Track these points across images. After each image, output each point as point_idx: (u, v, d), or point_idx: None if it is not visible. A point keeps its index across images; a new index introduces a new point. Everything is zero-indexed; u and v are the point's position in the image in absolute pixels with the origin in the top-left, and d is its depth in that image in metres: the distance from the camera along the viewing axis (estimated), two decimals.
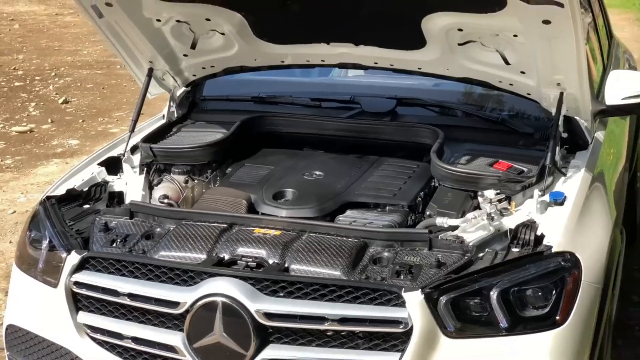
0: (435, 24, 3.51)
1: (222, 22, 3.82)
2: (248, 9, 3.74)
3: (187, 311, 2.98)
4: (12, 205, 6.97)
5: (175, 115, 4.36)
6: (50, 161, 8.26)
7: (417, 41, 3.66)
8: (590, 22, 4.74)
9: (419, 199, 3.52)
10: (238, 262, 3.08)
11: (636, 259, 5.67)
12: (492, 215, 3.18)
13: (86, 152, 8.46)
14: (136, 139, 4.05)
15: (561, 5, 3.09)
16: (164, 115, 4.39)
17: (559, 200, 3.30)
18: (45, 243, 3.39)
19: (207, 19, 3.81)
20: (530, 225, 3.14)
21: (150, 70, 4.14)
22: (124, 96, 10.88)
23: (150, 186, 3.81)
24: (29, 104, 10.35)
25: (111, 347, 3.18)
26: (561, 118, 3.61)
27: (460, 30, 3.51)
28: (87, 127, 9.48)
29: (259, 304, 2.90)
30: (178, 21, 3.86)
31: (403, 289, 2.87)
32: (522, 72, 3.65)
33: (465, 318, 2.93)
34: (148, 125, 4.33)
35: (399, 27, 3.64)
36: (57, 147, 8.75)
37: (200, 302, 2.95)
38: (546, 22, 3.21)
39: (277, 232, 3.21)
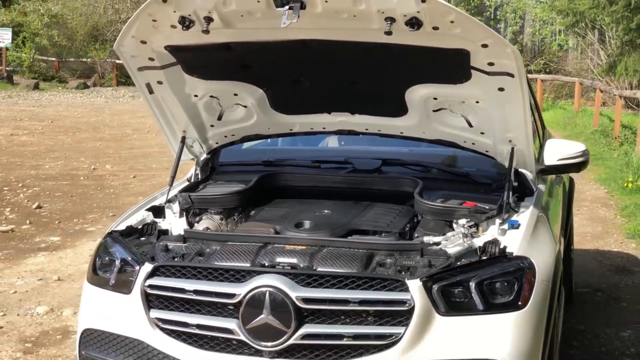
0: (416, 94, 4.51)
1: (246, 97, 4.80)
2: (269, 85, 4.73)
3: (240, 302, 3.84)
4: (12, 287, 7.51)
5: (200, 177, 5.27)
6: (38, 254, 8.79)
7: (401, 109, 4.67)
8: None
9: (407, 229, 4.46)
10: (276, 267, 3.99)
11: (573, 315, 6.72)
12: (466, 234, 4.15)
13: (70, 247, 9.08)
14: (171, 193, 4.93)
15: (512, 75, 4.15)
16: (188, 179, 5.30)
17: (515, 225, 4.29)
18: (117, 262, 4.21)
19: (235, 94, 4.79)
20: (495, 241, 4.11)
21: (183, 138, 5.05)
22: (93, 202, 11.58)
23: (189, 225, 4.70)
24: (3, 210, 10.89)
25: (177, 335, 3.99)
26: (512, 169, 4.63)
27: (435, 99, 4.53)
28: (64, 227, 10.06)
29: (298, 292, 3.78)
30: (211, 96, 4.83)
31: (406, 278, 3.81)
32: (482, 133, 4.67)
33: (452, 302, 3.84)
34: (177, 186, 5.19)
35: (387, 98, 4.64)
36: (41, 243, 9.29)
37: (252, 293, 3.81)
38: (501, 89, 4.25)
39: (304, 247, 4.14)
